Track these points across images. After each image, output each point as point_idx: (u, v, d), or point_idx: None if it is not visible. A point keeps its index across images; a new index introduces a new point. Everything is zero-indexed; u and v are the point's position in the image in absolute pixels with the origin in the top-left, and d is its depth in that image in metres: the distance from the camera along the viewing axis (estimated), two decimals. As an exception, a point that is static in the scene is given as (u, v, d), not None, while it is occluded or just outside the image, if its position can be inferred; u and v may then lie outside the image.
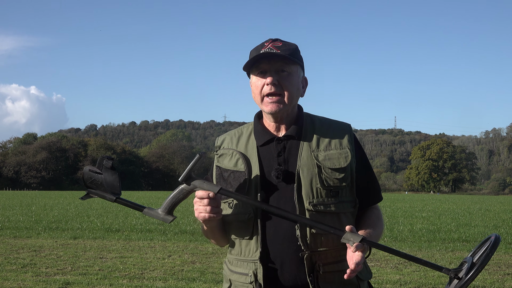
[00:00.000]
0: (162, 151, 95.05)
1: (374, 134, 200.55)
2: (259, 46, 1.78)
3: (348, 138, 1.81)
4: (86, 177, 1.70)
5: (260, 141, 1.80)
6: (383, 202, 30.44)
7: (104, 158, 1.70)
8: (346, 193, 1.75)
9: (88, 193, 1.72)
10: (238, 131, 1.89)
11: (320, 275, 1.69)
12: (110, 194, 1.70)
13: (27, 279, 6.48)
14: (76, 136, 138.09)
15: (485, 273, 7.31)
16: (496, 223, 16.15)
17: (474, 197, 59.76)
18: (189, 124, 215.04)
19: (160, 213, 1.72)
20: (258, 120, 1.87)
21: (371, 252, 1.66)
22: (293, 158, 1.76)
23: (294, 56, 1.75)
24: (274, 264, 1.71)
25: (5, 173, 79.99)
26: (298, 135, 1.79)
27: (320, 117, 1.88)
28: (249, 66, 1.78)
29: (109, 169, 1.69)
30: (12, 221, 14.78)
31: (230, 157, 1.81)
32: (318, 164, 1.73)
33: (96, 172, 1.69)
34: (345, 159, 1.76)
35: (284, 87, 1.74)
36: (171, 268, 7.38)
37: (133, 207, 1.73)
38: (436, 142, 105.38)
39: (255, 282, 1.71)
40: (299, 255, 1.69)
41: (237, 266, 1.78)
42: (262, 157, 1.78)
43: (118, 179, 1.70)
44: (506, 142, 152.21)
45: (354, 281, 1.74)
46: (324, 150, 1.77)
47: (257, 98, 1.78)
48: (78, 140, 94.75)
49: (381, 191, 1.96)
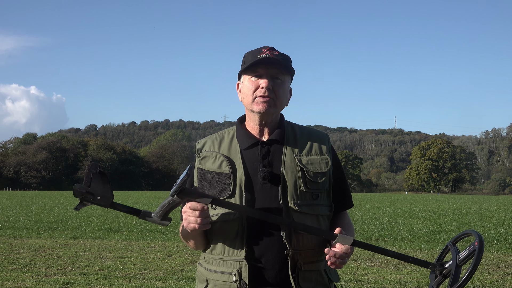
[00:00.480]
0: (162, 151, 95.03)
1: (374, 134, 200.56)
2: (256, 51, 1.84)
3: (327, 146, 1.91)
4: (77, 195, 1.71)
5: (243, 144, 1.86)
6: (383, 202, 30.20)
7: (90, 171, 1.70)
8: (324, 197, 1.85)
9: (82, 201, 1.73)
10: (219, 135, 1.94)
11: (301, 273, 1.76)
12: (103, 202, 1.72)
13: (27, 279, 6.48)
14: (76, 136, 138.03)
15: (485, 273, 7.31)
16: (496, 223, 16.15)
17: (474, 197, 59.77)
18: (189, 124, 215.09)
19: (156, 218, 1.75)
20: (240, 124, 1.92)
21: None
22: (277, 161, 1.83)
23: (289, 66, 1.83)
24: (258, 263, 1.76)
25: (5, 173, 79.98)
26: (281, 139, 1.86)
27: (299, 125, 1.96)
28: (247, 68, 1.83)
29: (98, 175, 1.71)
30: (12, 221, 14.78)
31: (214, 159, 1.85)
32: (302, 167, 1.81)
33: (86, 191, 1.70)
34: (325, 164, 1.86)
35: (276, 93, 1.81)
36: (171, 268, 7.38)
37: (128, 212, 1.76)
38: (436, 142, 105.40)
39: (239, 281, 1.74)
40: (283, 253, 1.75)
41: (219, 265, 1.80)
42: (246, 160, 1.83)
43: (108, 181, 1.72)
44: (506, 142, 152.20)
45: (326, 282, 1.84)
46: (306, 155, 1.85)
47: (248, 99, 1.83)
48: (78, 140, 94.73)
49: (381, 191, 2.00)
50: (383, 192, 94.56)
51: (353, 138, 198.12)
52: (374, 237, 11.58)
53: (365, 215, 19.18)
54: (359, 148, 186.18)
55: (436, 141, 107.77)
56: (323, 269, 1.83)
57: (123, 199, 32.72)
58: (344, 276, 6.85)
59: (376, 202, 34.42)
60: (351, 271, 7.26)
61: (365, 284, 6.42)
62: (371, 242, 10.86)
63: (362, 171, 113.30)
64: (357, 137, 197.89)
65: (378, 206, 27.37)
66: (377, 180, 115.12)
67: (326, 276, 1.85)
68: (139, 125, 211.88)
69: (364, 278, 6.77)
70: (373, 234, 12.06)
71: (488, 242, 11.08)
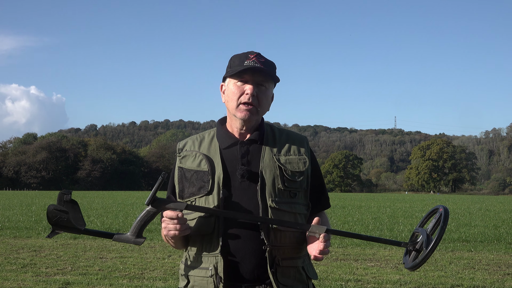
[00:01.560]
0: (162, 151, 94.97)
1: (374, 134, 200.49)
2: (243, 56, 1.89)
3: (306, 148, 1.97)
4: (51, 216, 1.72)
5: (223, 144, 1.92)
6: (383, 202, 30.19)
7: (63, 194, 1.73)
8: (301, 196, 1.90)
9: (54, 229, 1.76)
10: (200, 136, 2.00)
11: (279, 268, 1.80)
12: (76, 227, 1.75)
13: (27, 279, 6.48)
14: (76, 136, 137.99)
15: (485, 273, 7.32)
16: (496, 223, 16.16)
17: (474, 197, 59.78)
18: (189, 124, 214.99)
19: (130, 237, 1.79)
20: (221, 125, 1.97)
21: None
22: (255, 160, 1.88)
23: (274, 75, 1.90)
24: (235, 257, 1.79)
25: (5, 173, 80.00)
26: (260, 140, 1.91)
27: (278, 127, 2.02)
28: (234, 74, 1.87)
29: (69, 202, 1.74)
30: (12, 221, 14.78)
31: (194, 158, 1.90)
32: (280, 166, 1.86)
33: (61, 210, 1.72)
34: (303, 164, 1.91)
35: (260, 100, 1.87)
36: (171, 268, 7.38)
37: (101, 236, 1.81)
38: (436, 142, 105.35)
39: (215, 276, 1.77)
40: (261, 249, 1.78)
41: (197, 261, 1.85)
42: (226, 159, 1.89)
43: (79, 210, 1.76)
44: (506, 142, 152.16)
45: (304, 278, 1.88)
46: (284, 155, 1.91)
47: (232, 103, 1.88)
48: (78, 140, 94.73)
49: (381, 191, 2.02)
50: (383, 192, 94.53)
51: (353, 138, 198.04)
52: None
53: (365, 215, 19.18)
54: (359, 148, 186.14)
55: (436, 141, 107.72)
56: (301, 266, 1.87)
57: (123, 199, 32.73)
58: (344, 276, 6.86)
59: (376, 202, 34.43)
60: (351, 271, 7.26)
61: (365, 284, 6.42)
62: (371, 242, 10.85)
63: (362, 171, 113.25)
64: (357, 137, 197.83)
65: (378, 206, 27.38)
66: (377, 180, 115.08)
67: (304, 273, 1.88)
68: (139, 125, 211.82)
69: (364, 278, 6.77)
70: (373, 234, 12.06)
71: (488, 242, 11.09)
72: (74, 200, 1.75)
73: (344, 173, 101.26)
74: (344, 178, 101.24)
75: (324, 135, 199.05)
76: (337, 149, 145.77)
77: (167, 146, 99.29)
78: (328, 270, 7.27)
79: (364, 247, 9.86)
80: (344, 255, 8.77)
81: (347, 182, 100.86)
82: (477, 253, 9.39)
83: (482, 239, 11.44)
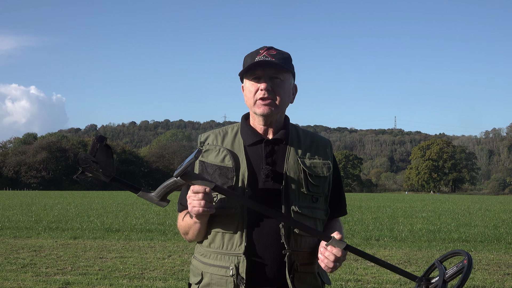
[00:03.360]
0: (162, 151, 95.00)
1: (374, 134, 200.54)
2: (254, 53, 1.85)
3: (330, 152, 1.93)
4: (81, 162, 1.67)
5: (248, 141, 1.86)
6: (383, 202, 30.14)
7: (98, 142, 1.65)
8: (322, 202, 1.87)
9: (83, 171, 1.69)
10: (222, 130, 1.93)
11: (297, 274, 1.77)
12: (105, 175, 1.67)
13: (27, 279, 6.48)
14: (76, 136, 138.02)
15: (485, 273, 7.31)
16: (496, 223, 16.15)
17: (474, 197, 59.76)
18: (189, 124, 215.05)
19: (155, 198, 1.73)
20: (245, 121, 1.93)
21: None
22: (280, 161, 1.83)
23: (287, 65, 1.83)
24: (257, 259, 1.76)
25: (5, 173, 79.96)
26: (285, 140, 1.87)
27: (303, 129, 1.98)
28: (245, 72, 1.84)
29: (104, 148, 1.66)
30: (12, 221, 14.77)
31: (217, 153, 1.84)
32: (305, 170, 1.82)
33: (92, 160, 1.66)
34: (327, 169, 1.88)
35: (277, 93, 1.82)
36: (171, 268, 7.38)
37: (128, 188, 1.73)
38: (436, 142, 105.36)
39: (236, 276, 1.74)
40: (281, 253, 1.75)
41: (216, 259, 1.80)
42: (250, 156, 1.83)
43: (112, 155, 1.68)
44: (506, 142, 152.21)
45: (319, 284, 1.86)
46: (309, 158, 1.87)
47: (250, 102, 1.84)
48: (78, 140, 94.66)
49: (381, 191, 2.02)
50: (383, 192, 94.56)
51: (353, 138, 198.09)
52: (374, 237, 11.58)
53: (365, 215, 19.17)
54: (359, 148, 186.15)
55: (436, 141, 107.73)
56: (316, 271, 1.85)
57: (123, 199, 32.72)
58: (344, 276, 6.86)
59: (376, 202, 34.41)
60: (351, 271, 7.26)
61: (365, 284, 6.42)
62: (371, 242, 10.87)
63: (362, 171, 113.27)
64: (357, 137, 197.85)
65: (378, 206, 27.37)
66: (377, 180, 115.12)
67: (319, 279, 1.86)
68: (139, 125, 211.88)
69: (364, 278, 6.77)
70: (373, 234, 12.06)
71: (488, 242, 11.09)
72: (108, 146, 1.67)
73: (344, 173, 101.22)
74: (344, 178, 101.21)
75: (324, 135, 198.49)
76: (337, 149, 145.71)
77: (167, 146, 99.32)
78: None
79: (364, 247, 9.86)
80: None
81: (347, 182, 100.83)
82: (477, 253, 9.39)
83: (482, 239, 11.44)
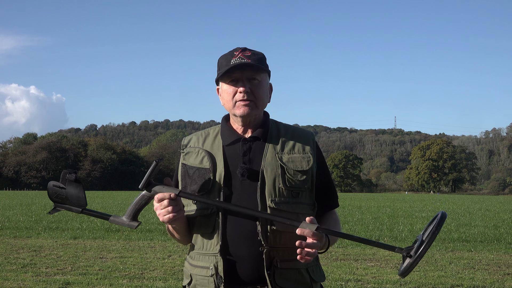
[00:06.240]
0: (162, 151, 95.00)
1: (374, 134, 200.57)
2: (228, 55, 1.86)
3: (312, 145, 1.91)
4: (50, 192, 1.75)
5: (226, 141, 1.89)
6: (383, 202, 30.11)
7: (66, 173, 1.74)
8: (306, 196, 1.85)
9: (55, 207, 1.77)
10: (204, 132, 1.98)
11: (278, 270, 1.76)
12: (76, 207, 1.75)
13: (27, 279, 6.48)
14: (76, 136, 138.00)
15: (485, 273, 7.32)
16: (496, 223, 16.15)
17: (474, 197, 59.77)
18: (189, 124, 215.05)
19: (125, 220, 1.78)
20: (225, 122, 1.95)
21: (327, 249, 1.79)
22: (257, 158, 1.84)
23: (262, 65, 1.85)
24: (234, 258, 1.77)
25: (5, 173, 79.98)
26: (263, 137, 1.88)
27: (284, 124, 1.98)
28: (222, 75, 1.85)
29: (73, 182, 1.74)
30: (12, 221, 14.78)
31: (196, 155, 1.88)
32: (282, 165, 1.82)
33: (60, 187, 1.74)
34: (307, 162, 1.85)
35: (256, 94, 1.84)
36: (171, 268, 7.38)
37: (99, 217, 1.80)
38: (436, 142, 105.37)
39: (216, 275, 1.76)
40: (258, 250, 1.75)
41: (199, 260, 1.83)
42: (228, 156, 1.86)
43: (83, 191, 1.76)
44: (506, 142, 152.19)
45: (307, 281, 1.82)
46: (288, 153, 1.86)
47: (229, 104, 1.86)
48: (78, 140, 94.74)
49: (381, 191, 2.00)
50: (383, 192, 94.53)
51: (353, 138, 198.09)
52: (374, 237, 11.58)
53: (365, 215, 19.18)
54: (359, 148, 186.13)
55: (436, 141, 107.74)
56: (304, 268, 1.81)
57: (123, 199, 32.73)
58: (344, 276, 6.86)
59: (376, 202, 34.41)
60: (351, 271, 7.26)
61: (365, 284, 6.41)
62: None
63: (362, 171, 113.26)
64: (357, 137, 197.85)
65: (378, 206, 27.37)
66: (377, 180, 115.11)
67: (308, 275, 1.82)
68: (139, 125, 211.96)
69: (364, 278, 6.77)
70: (373, 234, 12.06)
71: (488, 242, 11.09)
72: (78, 180, 1.74)
73: (344, 173, 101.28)
74: (344, 178, 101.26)
75: (324, 135, 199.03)
76: (337, 149, 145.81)
77: (167, 146, 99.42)
78: (328, 270, 7.27)
79: (364, 247, 9.85)
80: (344, 255, 8.77)
81: (347, 182, 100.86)
82: (477, 253, 9.39)
83: (482, 239, 11.44)
